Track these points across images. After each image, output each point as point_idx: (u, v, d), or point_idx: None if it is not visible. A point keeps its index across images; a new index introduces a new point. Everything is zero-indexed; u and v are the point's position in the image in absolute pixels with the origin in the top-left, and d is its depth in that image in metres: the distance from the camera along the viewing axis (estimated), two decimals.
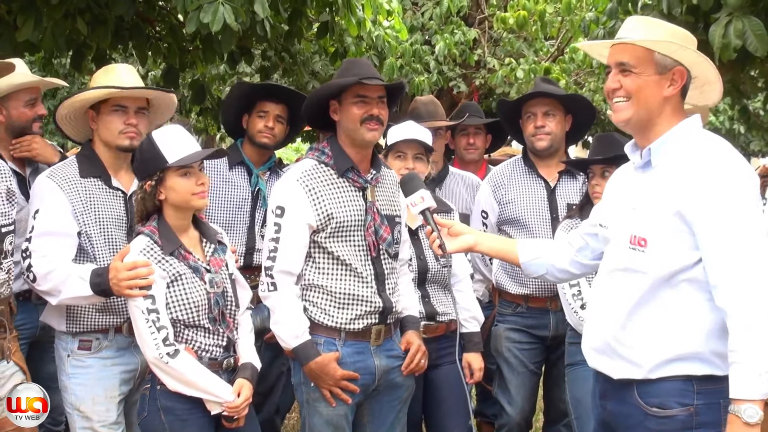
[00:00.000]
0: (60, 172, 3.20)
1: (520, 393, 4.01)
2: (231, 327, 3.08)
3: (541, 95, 4.04)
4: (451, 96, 9.23)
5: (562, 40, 9.60)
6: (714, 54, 3.85)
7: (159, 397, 2.95)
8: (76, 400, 3.17)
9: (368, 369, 3.16)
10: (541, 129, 4.01)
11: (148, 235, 2.97)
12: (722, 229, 2.30)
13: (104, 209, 3.21)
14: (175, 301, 2.95)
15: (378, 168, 3.24)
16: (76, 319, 3.18)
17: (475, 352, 3.66)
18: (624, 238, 2.52)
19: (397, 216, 3.30)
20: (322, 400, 3.11)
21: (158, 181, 2.95)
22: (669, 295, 2.41)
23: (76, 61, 5.08)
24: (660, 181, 2.46)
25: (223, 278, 3.07)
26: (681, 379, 2.39)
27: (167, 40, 5.54)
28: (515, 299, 4.03)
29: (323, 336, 3.11)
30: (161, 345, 2.86)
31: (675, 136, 2.47)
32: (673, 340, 2.40)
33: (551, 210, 3.98)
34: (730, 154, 2.40)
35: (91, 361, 3.19)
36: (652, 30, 2.50)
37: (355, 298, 3.12)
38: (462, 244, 2.95)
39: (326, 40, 6.03)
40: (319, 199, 3.08)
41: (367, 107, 3.07)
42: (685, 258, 2.37)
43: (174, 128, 3.07)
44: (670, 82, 2.46)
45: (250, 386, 3.03)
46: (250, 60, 5.88)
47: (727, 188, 2.31)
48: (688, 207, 2.35)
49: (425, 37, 8.93)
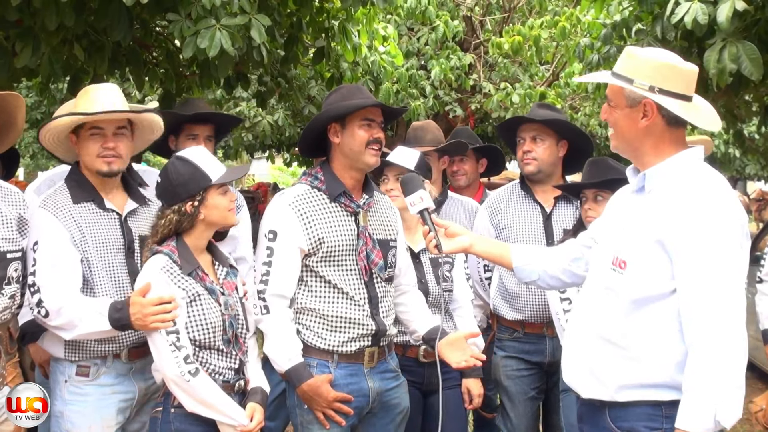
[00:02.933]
0: (53, 200, 3.13)
1: (523, 422, 3.99)
2: (243, 349, 3.08)
3: (527, 121, 4.05)
4: (447, 120, 9.27)
5: (557, 65, 9.67)
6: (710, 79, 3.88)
7: (173, 420, 2.93)
8: (72, 428, 3.11)
9: (362, 391, 3.15)
10: (528, 154, 4.01)
11: (168, 255, 2.96)
12: (698, 263, 2.30)
13: (101, 233, 3.16)
14: (193, 322, 2.94)
15: (370, 193, 3.27)
16: (74, 346, 3.12)
17: (475, 378, 3.64)
18: (608, 257, 2.55)
19: (391, 240, 3.31)
20: (315, 422, 3.11)
21: (201, 200, 2.96)
22: (643, 320, 2.42)
23: (73, 87, 5.07)
24: (648, 207, 2.47)
25: (236, 301, 3.08)
26: (650, 405, 2.40)
27: (164, 65, 5.56)
28: (512, 324, 4.02)
29: (316, 358, 3.12)
30: (182, 363, 2.86)
31: (672, 165, 2.48)
32: (642, 366, 2.41)
33: (547, 236, 3.97)
34: (720, 190, 2.40)
35: (89, 389, 3.13)
36: (626, 62, 2.51)
37: (348, 321, 3.13)
38: (458, 245, 2.98)
39: (322, 66, 6.06)
40: (311, 223, 3.10)
41: (373, 131, 3.13)
42: (662, 286, 2.38)
43: (199, 149, 3.10)
44: (642, 114, 2.47)
45: (262, 410, 3.03)
46: (246, 85, 5.89)
47: (710, 224, 2.32)
48: (669, 237, 2.36)
49: (421, 62, 8.99)
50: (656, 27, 4.32)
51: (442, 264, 3.68)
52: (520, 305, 3.95)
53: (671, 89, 2.44)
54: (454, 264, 3.74)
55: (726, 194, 2.39)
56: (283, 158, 16.74)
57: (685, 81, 2.47)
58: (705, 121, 2.53)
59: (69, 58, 4.54)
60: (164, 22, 5.02)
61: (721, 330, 2.26)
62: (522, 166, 4.06)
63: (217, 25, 3.87)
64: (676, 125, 2.49)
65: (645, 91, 2.43)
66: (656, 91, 2.43)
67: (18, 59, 4.12)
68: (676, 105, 2.43)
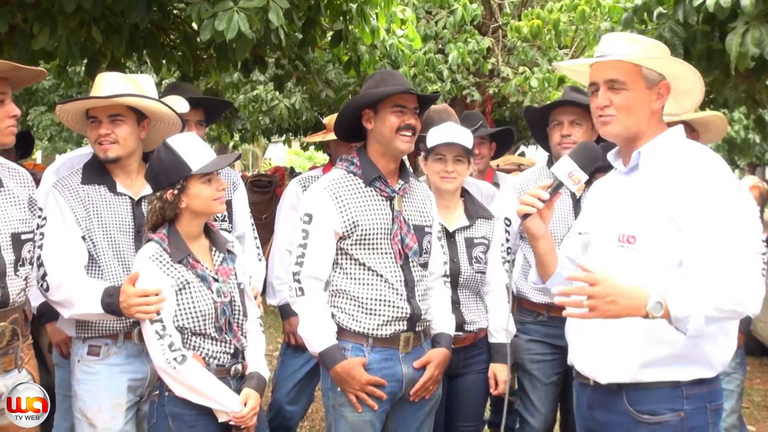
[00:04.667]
0: (63, 181, 3.26)
1: (544, 405, 3.97)
2: (238, 336, 3.09)
3: (568, 104, 4.01)
4: (464, 105, 9.21)
5: (576, 50, 9.58)
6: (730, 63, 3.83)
7: (167, 404, 2.97)
8: (84, 407, 3.19)
9: (395, 376, 3.17)
10: (568, 138, 3.96)
11: (158, 243, 2.99)
12: (712, 229, 2.33)
13: (107, 215, 3.22)
14: (182, 309, 2.97)
15: (406, 179, 3.28)
16: (85, 324, 3.20)
17: (502, 364, 3.64)
18: (611, 237, 2.56)
19: (427, 226, 3.32)
20: (348, 405, 3.13)
21: (181, 189, 2.96)
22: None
23: (90, 69, 5.09)
24: (649, 183, 2.50)
25: (231, 287, 3.08)
26: (669, 386, 2.41)
27: (181, 48, 5.56)
28: (537, 308, 3.98)
29: (351, 342, 3.14)
30: (167, 351, 2.89)
31: (663, 142, 2.53)
32: (658, 341, 2.41)
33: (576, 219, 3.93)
34: (716, 161, 2.46)
35: (99, 368, 3.20)
36: (635, 45, 2.53)
37: (384, 303, 3.13)
38: (541, 230, 2.81)
39: (340, 49, 6.03)
40: (346, 206, 3.12)
41: (404, 117, 3.14)
42: (674, 257, 2.40)
43: (189, 135, 3.10)
44: (657, 96, 2.52)
45: (257, 396, 3.04)
46: (263, 68, 5.89)
47: (718, 194, 2.35)
48: (679, 208, 2.38)
49: (439, 46, 8.93)
50: (678, 10, 4.26)
51: (477, 245, 3.67)
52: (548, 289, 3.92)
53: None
54: (490, 246, 3.72)
55: (722, 165, 2.46)
56: (300, 142, 16.73)
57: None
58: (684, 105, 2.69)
59: (86, 40, 4.56)
60: (182, 5, 5.01)
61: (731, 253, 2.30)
62: (559, 150, 3.97)
63: (234, 8, 3.86)
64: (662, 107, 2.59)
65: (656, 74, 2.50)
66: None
67: (36, 41, 4.14)
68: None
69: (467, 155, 3.63)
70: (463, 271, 3.61)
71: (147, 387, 3.26)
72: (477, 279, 3.66)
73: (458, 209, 3.71)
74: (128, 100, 3.23)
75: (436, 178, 3.61)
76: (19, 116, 3.05)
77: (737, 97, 5.71)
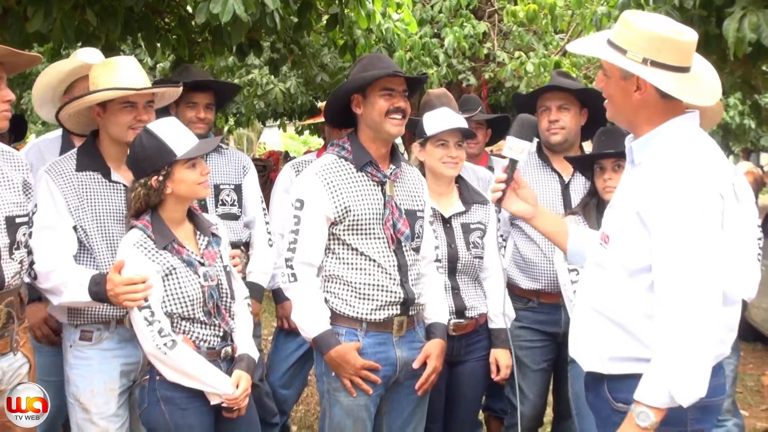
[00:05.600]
0: (57, 166, 3.22)
1: (533, 391, 4.01)
2: (226, 319, 3.09)
3: (555, 89, 4.00)
4: (460, 89, 9.19)
5: (572, 34, 9.55)
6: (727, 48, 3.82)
7: (158, 388, 2.97)
8: (77, 391, 3.19)
9: (389, 360, 3.18)
10: (555, 123, 3.97)
11: (142, 229, 2.98)
12: (669, 237, 2.27)
13: (101, 203, 3.21)
14: (169, 295, 2.96)
15: (397, 163, 3.28)
16: (77, 311, 3.20)
17: (504, 349, 3.66)
18: (599, 233, 2.57)
19: (418, 211, 3.32)
20: (342, 390, 3.14)
21: (166, 175, 2.95)
22: (630, 294, 2.41)
23: None
24: (635, 181, 2.45)
25: (218, 271, 3.08)
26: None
27: (176, 31, 5.53)
28: (527, 294, 4.00)
29: (345, 327, 3.15)
30: (157, 336, 2.89)
31: (659, 135, 2.44)
32: (631, 339, 2.41)
33: (565, 205, 3.94)
34: (700, 162, 2.34)
35: (91, 353, 3.21)
36: (623, 32, 2.43)
37: (377, 288, 3.14)
38: (521, 210, 2.88)
39: (335, 33, 6.01)
40: (337, 192, 3.11)
41: (393, 99, 3.12)
42: (641, 259, 2.36)
43: (170, 120, 3.08)
44: (636, 87, 2.43)
45: (248, 377, 3.05)
46: (259, 52, 5.86)
47: (681, 197, 2.27)
48: (645, 210, 2.33)
49: (434, 30, 8.89)
50: None
51: (473, 230, 3.67)
52: (537, 275, 3.94)
53: (665, 61, 2.37)
54: (486, 231, 3.73)
55: (706, 165, 2.34)
56: (295, 126, 16.70)
57: (681, 52, 2.40)
58: (699, 95, 2.45)
59: (81, 23, 4.52)
60: None
61: (684, 307, 2.23)
62: (548, 136, 4.00)
63: None
64: (670, 96, 2.42)
65: (637, 64, 2.37)
66: (649, 63, 2.37)
67: (30, 24, 4.11)
68: (669, 78, 2.37)
69: (466, 140, 3.64)
70: (461, 256, 3.61)
71: (140, 372, 3.26)
72: (475, 264, 3.66)
73: (453, 195, 3.71)
74: (171, 91, 3.36)
75: (438, 163, 3.60)
76: (13, 101, 3.04)
77: (733, 82, 5.70)
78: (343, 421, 3.16)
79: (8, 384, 3.00)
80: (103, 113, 3.22)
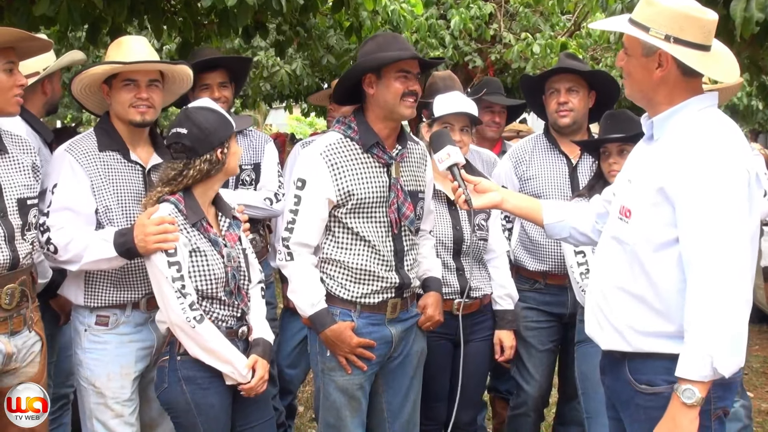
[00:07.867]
0: (78, 145, 3.19)
1: (539, 371, 4.03)
2: (245, 300, 3.11)
3: (564, 71, 4.00)
4: (466, 71, 9.17)
5: (578, 15, 9.50)
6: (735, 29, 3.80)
7: (180, 368, 2.98)
8: (92, 376, 3.19)
9: (384, 338, 3.20)
10: (564, 105, 3.97)
11: (174, 203, 2.97)
12: (699, 211, 2.28)
13: (123, 183, 3.20)
14: (196, 272, 2.96)
15: (404, 143, 3.25)
16: (93, 293, 3.19)
17: (508, 330, 3.69)
18: (617, 208, 2.55)
19: (420, 192, 3.31)
20: (337, 369, 3.16)
21: (228, 147, 3.00)
22: (654, 269, 2.41)
23: (91, 35, 5.06)
24: (654, 156, 2.45)
25: (238, 253, 3.09)
26: (667, 358, 2.38)
27: (182, 14, 5.51)
28: (533, 276, 4.02)
29: (339, 307, 3.16)
30: (188, 309, 2.89)
31: (681, 112, 2.45)
32: (655, 316, 2.41)
33: (572, 188, 3.95)
34: (726, 137, 2.36)
35: (108, 337, 3.20)
36: (646, 9, 2.44)
37: (372, 274, 3.15)
38: (488, 201, 2.95)
39: (341, 15, 6.00)
40: (341, 174, 3.10)
41: (408, 82, 3.10)
42: (666, 233, 2.36)
43: (206, 100, 3.12)
44: (658, 64, 2.43)
45: (265, 364, 3.07)
46: (265, 34, 5.85)
47: (713, 172, 2.28)
48: (670, 184, 2.34)
49: (440, 12, 8.86)
50: None
51: (478, 212, 3.69)
52: (544, 256, 3.95)
53: (688, 39, 2.39)
54: (491, 213, 3.74)
55: (732, 141, 2.36)
56: (301, 108, 16.67)
57: (703, 30, 2.42)
58: (721, 73, 2.48)
59: (87, 6, 4.51)
60: None
61: (718, 278, 2.24)
62: (557, 118, 4.00)
63: None
64: (691, 75, 2.45)
65: (660, 40, 2.39)
66: (672, 40, 2.39)
67: (36, 7, 4.11)
68: (692, 55, 2.39)
69: (472, 125, 3.64)
70: (466, 238, 3.62)
71: (153, 355, 3.27)
72: (480, 246, 3.67)
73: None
74: (179, 68, 3.31)
75: None
76: (25, 85, 3.04)
77: (740, 63, 5.66)
78: (339, 399, 3.18)
79: (22, 362, 3.02)
80: (110, 92, 3.21)
